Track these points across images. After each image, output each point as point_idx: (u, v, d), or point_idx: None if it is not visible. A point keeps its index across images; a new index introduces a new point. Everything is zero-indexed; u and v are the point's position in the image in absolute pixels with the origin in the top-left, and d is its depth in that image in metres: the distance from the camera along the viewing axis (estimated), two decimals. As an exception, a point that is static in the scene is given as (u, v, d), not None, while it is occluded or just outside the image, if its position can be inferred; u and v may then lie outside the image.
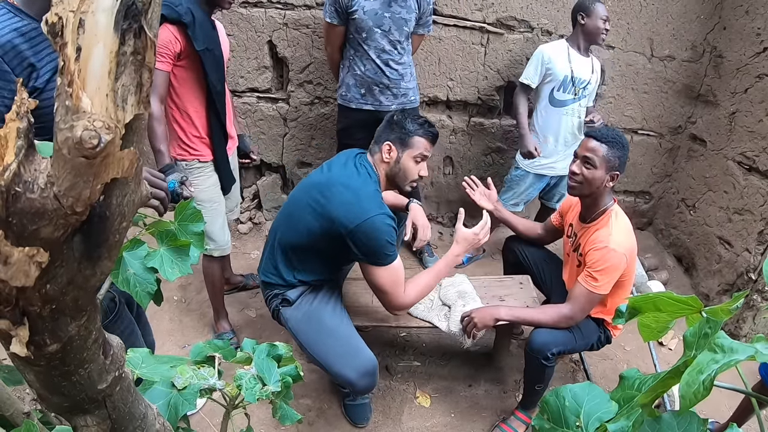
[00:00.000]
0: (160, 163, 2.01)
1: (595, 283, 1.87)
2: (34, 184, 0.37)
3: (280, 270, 1.98)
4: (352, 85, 2.61)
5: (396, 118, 1.91)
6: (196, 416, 2.13)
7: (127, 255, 0.88)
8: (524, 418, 2.21)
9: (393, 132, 1.89)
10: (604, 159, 1.87)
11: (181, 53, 1.99)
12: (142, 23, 0.40)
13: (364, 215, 1.75)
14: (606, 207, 1.96)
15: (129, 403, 0.65)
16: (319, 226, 1.83)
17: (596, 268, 1.86)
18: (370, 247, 1.78)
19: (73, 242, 0.42)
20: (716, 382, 0.58)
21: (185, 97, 2.11)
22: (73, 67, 0.37)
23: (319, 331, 1.91)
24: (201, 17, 2.02)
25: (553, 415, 0.75)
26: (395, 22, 2.45)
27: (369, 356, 1.89)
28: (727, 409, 2.27)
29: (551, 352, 1.96)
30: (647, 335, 0.82)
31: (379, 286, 1.86)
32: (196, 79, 2.08)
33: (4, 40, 1.20)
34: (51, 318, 0.45)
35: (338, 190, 1.82)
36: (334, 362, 1.86)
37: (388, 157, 1.89)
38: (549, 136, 2.82)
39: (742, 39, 2.88)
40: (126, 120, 0.40)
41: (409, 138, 1.88)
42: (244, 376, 0.91)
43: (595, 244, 1.89)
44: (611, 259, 1.84)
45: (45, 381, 0.53)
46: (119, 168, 0.40)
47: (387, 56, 2.52)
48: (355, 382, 1.85)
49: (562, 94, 2.72)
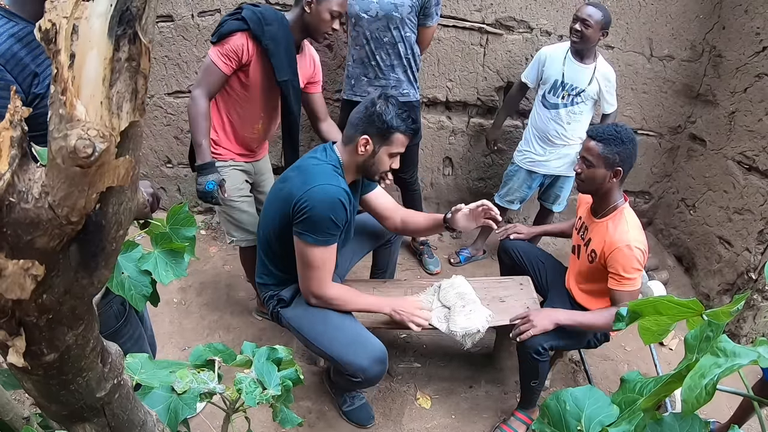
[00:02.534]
0: (201, 159, 2.01)
1: (630, 283, 1.90)
2: (29, 194, 0.37)
3: (268, 267, 1.99)
4: (346, 76, 2.63)
5: (378, 109, 1.75)
6: (197, 420, 2.12)
7: (121, 258, 0.87)
8: (524, 418, 2.21)
9: (372, 125, 1.76)
10: (601, 157, 1.90)
11: (246, 65, 2.01)
12: (136, 29, 0.39)
13: (313, 182, 1.73)
14: (617, 204, 1.99)
15: (128, 411, 0.65)
16: (281, 210, 1.82)
17: (627, 268, 1.88)
18: (311, 215, 1.70)
19: (69, 252, 0.41)
20: (718, 386, 0.57)
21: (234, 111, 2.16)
22: (67, 75, 0.37)
23: (326, 324, 1.89)
24: (286, 45, 2.03)
25: (554, 418, 0.75)
26: (383, 7, 2.39)
27: (378, 344, 1.88)
28: (727, 410, 2.27)
29: (542, 346, 1.98)
30: (648, 338, 0.82)
31: (309, 261, 1.79)
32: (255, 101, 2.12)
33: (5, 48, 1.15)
34: (48, 328, 0.44)
35: (295, 173, 1.84)
36: (345, 352, 1.83)
37: (363, 150, 1.79)
38: (537, 135, 2.84)
39: (742, 38, 2.88)
40: (121, 128, 0.39)
41: (390, 134, 1.77)
42: (244, 379, 0.91)
43: (617, 245, 1.90)
44: (637, 255, 1.88)
45: (43, 390, 0.53)
46: (115, 176, 0.39)
47: (376, 43, 2.47)
48: (368, 368, 1.83)
49: (552, 97, 2.72)
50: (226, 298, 2.82)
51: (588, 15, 2.50)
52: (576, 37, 2.55)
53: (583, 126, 2.77)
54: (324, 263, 1.81)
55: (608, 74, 2.69)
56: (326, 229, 1.74)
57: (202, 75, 2.04)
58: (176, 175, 3.37)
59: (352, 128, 1.81)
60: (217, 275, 2.98)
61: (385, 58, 2.51)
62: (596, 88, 2.68)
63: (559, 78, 2.67)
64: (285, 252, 1.92)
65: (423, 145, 3.31)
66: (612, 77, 2.70)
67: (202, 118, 1.99)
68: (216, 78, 1.99)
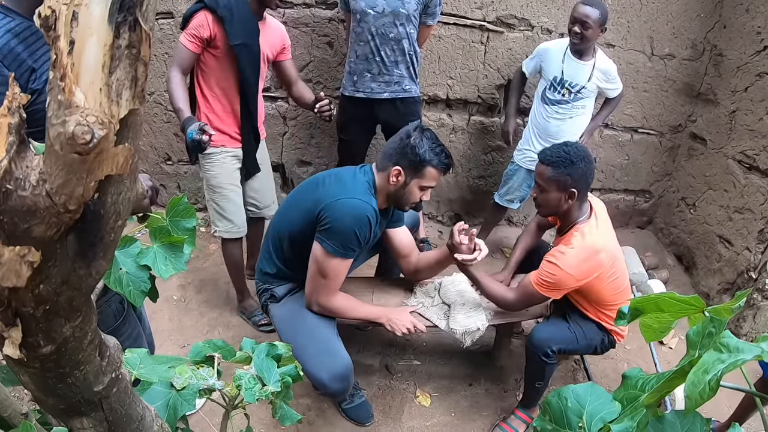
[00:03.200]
0: (181, 119, 2.08)
1: (539, 288, 1.90)
2: (26, 181, 0.36)
3: (272, 257, 2.00)
4: (348, 72, 2.62)
5: (412, 141, 1.76)
6: (196, 416, 2.12)
7: (119, 253, 0.86)
8: (525, 417, 2.20)
9: (406, 157, 1.76)
10: (551, 180, 1.86)
11: (211, 40, 2.10)
12: (137, 15, 0.39)
13: (345, 194, 1.74)
14: (576, 222, 1.94)
15: (126, 405, 0.64)
16: (307, 211, 1.82)
17: (543, 276, 1.89)
18: (336, 226, 1.71)
19: (66, 241, 0.40)
20: (721, 382, 0.57)
21: (216, 86, 2.22)
22: (66, 61, 0.36)
23: (298, 331, 1.89)
24: (244, 14, 2.12)
25: (556, 415, 0.74)
26: (389, 3, 2.40)
27: (343, 360, 1.85)
28: (727, 408, 2.26)
29: (551, 349, 1.97)
30: (649, 336, 0.81)
31: (324, 269, 1.78)
32: (230, 71, 2.18)
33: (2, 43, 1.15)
34: (45, 319, 0.44)
35: (331, 180, 1.85)
36: (307, 362, 1.79)
37: (395, 180, 1.80)
38: (538, 132, 2.83)
39: (743, 37, 2.87)
40: (120, 115, 0.39)
41: (422, 167, 1.78)
42: (243, 376, 0.90)
43: (550, 256, 1.90)
44: (557, 274, 1.86)
45: (40, 383, 0.52)
46: (114, 165, 0.39)
47: (381, 39, 2.47)
48: (327, 384, 1.80)
49: (552, 93, 2.72)
50: (225, 296, 2.82)
51: (585, 15, 2.48)
52: (576, 39, 2.54)
53: (585, 119, 2.77)
54: (337, 275, 1.81)
55: (608, 69, 2.68)
56: (348, 242, 1.74)
57: (175, 57, 2.18)
58: (176, 172, 3.37)
59: (386, 158, 1.83)
60: (216, 272, 2.97)
61: (390, 54, 2.51)
62: (596, 83, 2.67)
63: (559, 75, 2.66)
64: (293, 253, 1.93)
65: (423, 143, 3.31)
66: (612, 69, 2.69)
67: (176, 87, 2.10)
68: (185, 56, 2.12)
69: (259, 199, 2.57)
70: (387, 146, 1.86)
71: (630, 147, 3.43)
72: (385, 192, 1.85)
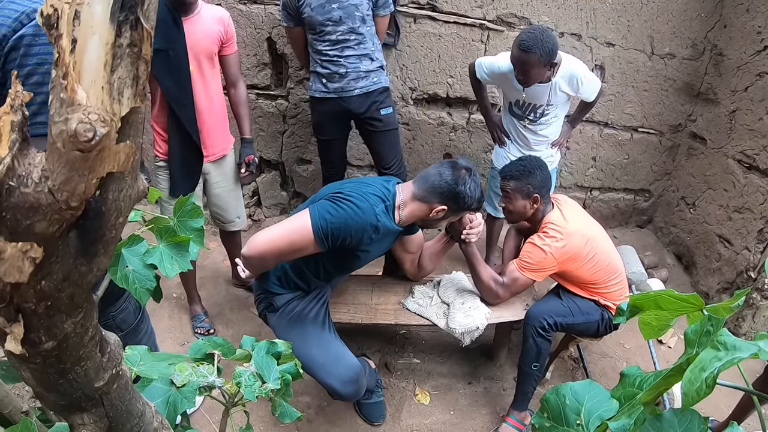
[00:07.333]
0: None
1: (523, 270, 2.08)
2: (28, 178, 0.37)
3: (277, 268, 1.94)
4: (314, 74, 2.55)
5: (466, 191, 1.78)
6: (196, 413, 2.12)
7: (125, 251, 0.87)
8: (517, 424, 2.19)
9: (455, 201, 1.79)
10: (515, 191, 2.09)
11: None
12: (138, 14, 0.39)
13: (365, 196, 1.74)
14: (543, 217, 2.13)
15: (126, 401, 0.64)
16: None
17: (524, 258, 2.08)
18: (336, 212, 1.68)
19: (68, 238, 0.41)
20: (718, 380, 0.57)
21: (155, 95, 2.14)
22: (68, 59, 0.36)
23: (302, 340, 1.88)
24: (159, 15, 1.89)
25: (554, 413, 0.75)
26: (345, 10, 2.37)
27: (351, 364, 1.87)
28: (725, 408, 2.27)
29: (547, 322, 2.05)
30: (648, 333, 0.81)
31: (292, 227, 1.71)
32: (153, 80, 2.05)
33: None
34: (46, 315, 0.44)
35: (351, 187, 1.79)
36: (317, 371, 1.85)
37: (435, 214, 1.82)
38: (513, 138, 2.72)
39: (743, 37, 2.87)
40: (122, 113, 0.39)
41: (464, 211, 1.90)
42: (243, 373, 0.90)
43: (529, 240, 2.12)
44: (536, 254, 2.05)
45: (41, 379, 0.53)
46: (115, 162, 0.39)
47: (342, 45, 2.44)
48: (340, 390, 1.84)
49: (518, 110, 2.59)
50: (225, 293, 2.82)
51: (522, 62, 2.21)
52: (523, 84, 2.34)
53: (559, 123, 2.64)
54: (292, 244, 1.70)
55: (573, 73, 2.38)
56: (334, 230, 1.67)
57: None
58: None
59: (432, 194, 1.79)
60: (216, 270, 2.98)
61: (354, 58, 2.47)
62: (564, 93, 2.44)
63: (520, 99, 2.52)
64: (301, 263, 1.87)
65: (423, 141, 3.31)
66: (578, 72, 2.38)
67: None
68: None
69: (222, 215, 2.53)
70: (434, 180, 1.79)
71: (630, 146, 3.44)
72: (419, 218, 1.85)
